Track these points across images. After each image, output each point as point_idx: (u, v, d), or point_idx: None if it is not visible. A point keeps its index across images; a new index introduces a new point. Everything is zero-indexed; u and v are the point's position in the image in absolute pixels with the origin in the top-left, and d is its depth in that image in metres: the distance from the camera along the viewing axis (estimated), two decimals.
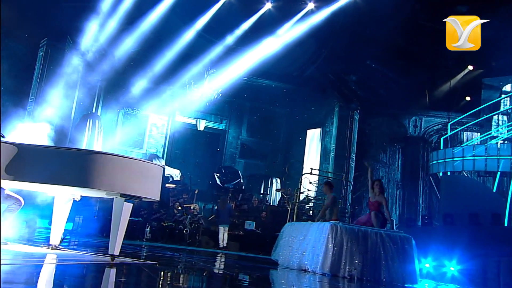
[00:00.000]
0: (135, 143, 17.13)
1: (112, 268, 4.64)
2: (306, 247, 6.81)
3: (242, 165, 18.41)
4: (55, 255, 5.14)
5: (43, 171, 4.58)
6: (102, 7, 13.51)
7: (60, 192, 5.43)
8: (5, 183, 4.91)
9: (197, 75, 16.45)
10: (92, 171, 4.59)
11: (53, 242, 5.52)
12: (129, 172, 4.85)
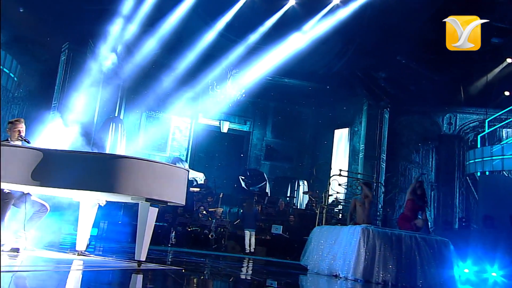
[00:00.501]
0: (158, 146, 17.33)
1: (138, 274, 4.69)
2: (337, 252, 6.73)
3: (267, 167, 18.38)
4: (81, 261, 5.25)
5: (69, 176, 4.67)
6: (122, 10, 13.75)
7: (86, 197, 5.54)
8: (31, 189, 5.05)
9: (219, 76, 16.50)
10: (117, 176, 4.66)
11: (79, 248, 5.64)
12: (154, 176, 4.90)
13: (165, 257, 8.09)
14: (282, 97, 17.86)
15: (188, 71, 15.77)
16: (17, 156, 4.59)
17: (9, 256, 4.86)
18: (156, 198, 4.92)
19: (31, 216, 5.38)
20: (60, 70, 14.73)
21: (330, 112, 17.84)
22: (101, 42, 14.01)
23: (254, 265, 8.86)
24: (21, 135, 5.37)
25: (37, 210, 5.40)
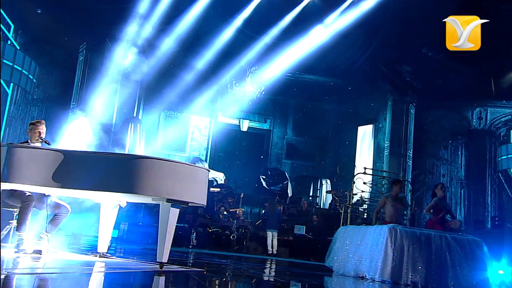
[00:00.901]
0: (178, 146, 17.47)
1: (161, 276, 4.73)
2: (363, 253, 6.66)
3: (288, 166, 18.31)
4: (103, 263, 5.32)
5: (89, 178, 4.74)
6: (139, 8, 13.88)
7: (106, 198, 5.61)
8: (52, 191, 5.13)
9: (238, 74, 16.52)
10: (138, 176, 4.70)
11: (101, 250, 5.72)
12: (175, 177, 4.93)
13: (187, 259, 8.15)
14: (302, 93, 17.75)
15: (207, 69, 15.83)
16: (38, 158, 4.68)
17: (31, 258, 4.96)
18: (177, 198, 4.95)
19: (52, 218, 5.48)
20: (78, 70, 14.98)
21: (353, 109, 17.68)
22: (119, 42, 14.17)
23: (277, 266, 8.85)
24: (41, 137, 5.47)
25: (58, 211, 5.49)
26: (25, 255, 5.03)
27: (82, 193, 5.26)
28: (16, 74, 14.55)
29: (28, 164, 4.59)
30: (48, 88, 16.24)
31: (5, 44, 14.25)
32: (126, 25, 13.92)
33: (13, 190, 5.10)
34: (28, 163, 4.60)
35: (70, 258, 5.61)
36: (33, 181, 4.61)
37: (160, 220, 5.01)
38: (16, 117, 15.63)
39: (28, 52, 15.12)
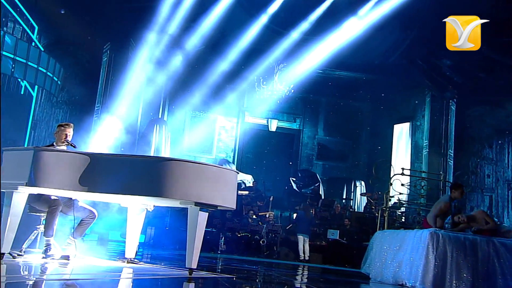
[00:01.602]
0: (204, 148, 17.60)
1: (190, 282, 4.75)
2: (402, 259, 6.52)
3: (320, 167, 18.22)
4: (131, 269, 5.39)
5: (116, 181, 4.79)
6: (163, 6, 14.04)
7: (133, 202, 5.68)
8: (79, 195, 5.24)
9: (266, 71, 16.55)
10: (165, 179, 4.74)
11: (128, 255, 5.78)
12: (203, 179, 4.94)
13: (215, 265, 8.18)
14: (334, 91, 17.62)
15: (233, 68, 15.91)
16: (64, 161, 4.77)
17: (59, 264, 5.07)
18: (206, 202, 4.95)
19: (79, 223, 5.58)
20: (102, 71, 15.28)
21: (388, 106, 17.44)
22: (143, 41, 14.38)
23: (309, 273, 8.78)
24: (67, 140, 5.57)
25: (85, 216, 5.58)
26: (53, 261, 5.15)
27: (109, 197, 5.33)
28: (41, 77, 14.96)
29: (54, 168, 4.68)
30: (72, 90, 16.63)
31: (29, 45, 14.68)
32: (150, 24, 14.10)
33: (40, 195, 5.22)
34: (55, 166, 4.70)
35: (98, 264, 5.71)
36: (60, 185, 4.70)
37: (189, 225, 5.03)
38: (41, 120, 16.09)
39: (52, 54, 15.53)
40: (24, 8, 15.08)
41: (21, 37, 14.96)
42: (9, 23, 14.87)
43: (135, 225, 5.87)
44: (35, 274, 4.50)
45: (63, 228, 5.75)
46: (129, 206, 5.84)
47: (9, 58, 13.87)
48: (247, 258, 11.03)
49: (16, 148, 5.15)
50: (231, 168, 5.99)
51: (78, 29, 14.31)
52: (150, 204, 5.78)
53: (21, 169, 4.68)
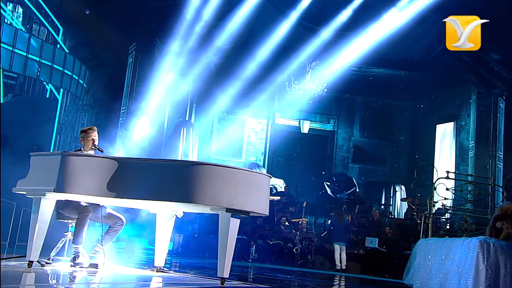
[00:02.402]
0: (233, 151, 17.69)
1: None
2: (449, 269, 6.34)
3: (356, 171, 18.05)
4: (160, 277, 5.44)
5: (145, 186, 4.85)
6: (190, 4, 14.18)
7: (162, 208, 5.74)
8: (107, 201, 5.32)
9: (298, 70, 16.50)
10: (196, 185, 4.76)
11: (158, 263, 5.84)
12: (234, 184, 4.95)
13: (247, 274, 8.18)
14: (371, 89, 17.45)
15: (263, 67, 15.92)
16: (92, 166, 4.85)
17: (88, 272, 5.16)
18: (238, 208, 4.96)
19: (107, 230, 5.67)
20: (128, 73, 15.55)
21: (430, 105, 17.12)
22: (169, 41, 14.56)
23: (347, 283, 8.68)
24: (95, 144, 5.67)
25: (113, 223, 5.67)
26: (82, 269, 5.24)
27: (137, 203, 5.40)
28: (66, 79, 15.35)
29: (82, 173, 4.77)
30: (97, 93, 17.02)
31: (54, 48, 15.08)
32: (176, 23, 14.26)
33: (68, 201, 5.32)
34: (83, 172, 4.78)
35: (127, 272, 5.78)
36: (88, 191, 4.78)
37: (220, 232, 5.04)
38: (66, 124, 16.53)
39: (77, 56, 15.91)
40: (49, 10, 15.53)
41: (46, 39, 15.41)
42: (34, 25, 15.36)
43: (164, 232, 5.92)
44: (63, 283, 4.59)
45: (89, 235, 5.85)
46: (158, 212, 5.89)
47: (34, 61, 14.29)
48: (280, 267, 10.99)
49: (44, 153, 5.28)
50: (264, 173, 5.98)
51: (103, 29, 14.63)
52: (179, 211, 5.82)
53: (48, 175, 4.78)
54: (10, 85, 15.00)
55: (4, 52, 13.52)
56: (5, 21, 13.84)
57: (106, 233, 5.63)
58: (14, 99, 14.88)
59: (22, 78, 15.09)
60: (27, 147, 12.80)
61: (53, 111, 15.26)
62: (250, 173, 5.21)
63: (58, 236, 5.73)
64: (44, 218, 4.87)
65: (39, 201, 4.86)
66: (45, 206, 4.89)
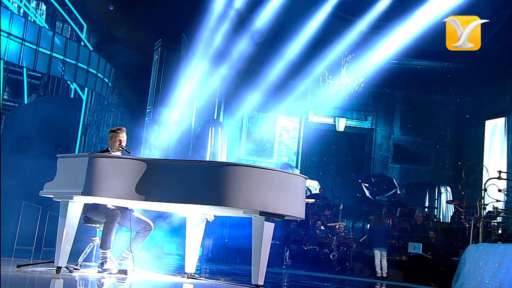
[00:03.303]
0: (264, 151, 17.72)
1: None
2: (504, 278, 6.20)
3: (397, 171, 17.82)
4: (191, 285, 5.48)
5: (175, 189, 4.88)
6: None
7: (193, 212, 5.77)
8: (135, 204, 5.39)
9: (332, 65, 16.39)
10: (228, 187, 4.77)
11: (188, 270, 5.87)
12: (268, 186, 4.94)
13: (281, 281, 8.17)
14: (412, 83, 17.22)
15: (295, 62, 15.90)
16: (120, 168, 4.92)
17: (117, 278, 5.24)
18: (272, 211, 4.96)
19: (136, 235, 5.74)
20: (154, 70, 15.77)
21: (477, 99, 16.73)
22: (196, 36, 14.67)
23: None
24: (122, 145, 5.76)
25: (141, 228, 5.73)
26: (110, 275, 5.33)
27: (167, 206, 5.45)
28: (91, 78, 15.65)
29: (111, 175, 4.84)
30: (123, 92, 17.30)
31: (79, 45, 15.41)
32: (204, 17, 14.35)
33: (96, 204, 5.42)
34: (111, 174, 4.85)
35: (156, 279, 5.85)
36: (116, 194, 4.84)
37: (254, 237, 5.04)
38: (91, 124, 16.87)
39: (102, 53, 16.21)
40: (73, 6, 15.88)
41: (70, 37, 15.76)
42: (58, 23, 15.74)
43: (194, 237, 5.95)
44: None
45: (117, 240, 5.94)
46: (188, 216, 5.93)
47: (58, 60, 14.64)
48: (316, 274, 10.98)
49: (70, 155, 5.40)
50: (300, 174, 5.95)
51: (127, 26, 14.86)
52: (210, 214, 5.85)
53: (76, 177, 4.87)
54: (34, 85, 15.41)
55: (28, 51, 13.90)
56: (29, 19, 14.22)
57: (134, 238, 5.70)
58: (38, 99, 15.27)
59: (46, 78, 15.47)
60: (52, 149, 13.13)
61: (77, 111, 15.59)
62: (285, 174, 5.20)
63: (86, 241, 5.84)
64: (72, 222, 4.96)
65: (66, 204, 4.94)
66: (73, 210, 4.97)
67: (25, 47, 13.76)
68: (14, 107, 14.63)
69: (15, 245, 9.93)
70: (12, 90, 14.83)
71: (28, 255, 8.45)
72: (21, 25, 13.73)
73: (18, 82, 14.90)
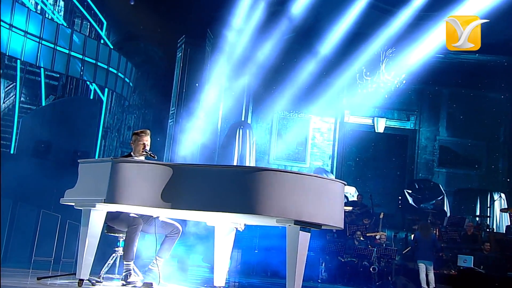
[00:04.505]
0: (296, 155, 17.71)
1: None
2: None
3: (443, 176, 17.59)
4: None
5: (203, 196, 4.90)
6: None
7: (222, 220, 5.80)
8: (161, 212, 5.44)
9: (371, 60, 16.36)
10: (260, 193, 4.78)
11: (218, 283, 5.89)
12: (304, 193, 4.94)
13: None
14: (459, 79, 17.00)
15: (329, 58, 15.90)
16: (145, 174, 4.97)
17: None
18: (308, 220, 4.96)
19: (163, 241, 5.80)
20: (177, 69, 15.92)
21: None
22: (222, 32, 14.76)
23: None
24: (146, 149, 5.82)
25: (169, 232, 5.78)
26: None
27: (194, 214, 5.49)
28: (112, 78, 15.89)
29: (135, 182, 4.89)
30: (145, 92, 17.54)
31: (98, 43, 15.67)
32: (230, 11, 14.43)
33: (119, 212, 5.49)
34: (135, 180, 4.90)
35: None
36: (142, 201, 4.89)
37: (288, 248, 5.04)
38: (111, 127, 17.13)
39: (122, 52, 16.45)
40: (92, 2, 16.18)
41: (89, 35, 16.05)
42: (76, 20, 16.05)
43: (223, 247, 5.97)
44: None
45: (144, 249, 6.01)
46: (217, 225, 5.96)
47: (77, 59, 14.92)
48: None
49: (93, 160, 5.49)
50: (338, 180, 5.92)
51: (149, 22, 15.06)
52: (240, 223, 5.87)
53: (98, 184, 4.94)
54: (52, 86, 15.71)
55: (45, 50, 14.20)
56: (46, 16, 14.53)
57: (162, 244, 5.76)
58: (56, 101, 15.57)
59: (65, 78, 15.77)
60: (71, 154, 13.37)
61: (97, 114, 15.83)
62: (322, 179, 5.18)
63: (108, 251, 5.92)
64: (94, 232, 5.04)
65: (88, 212, 5.02)
66: (95, 219, 5.05)
67: (42, 46, 14.05)
68: (32, 109, 14.94)
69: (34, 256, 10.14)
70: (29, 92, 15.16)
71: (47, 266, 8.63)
72: (38, 22, 14.00)
73: (36, 83, 15.22)
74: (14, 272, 6.75)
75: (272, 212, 4.80)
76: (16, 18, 13.36)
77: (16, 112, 14.22)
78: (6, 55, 13.62)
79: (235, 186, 4.89)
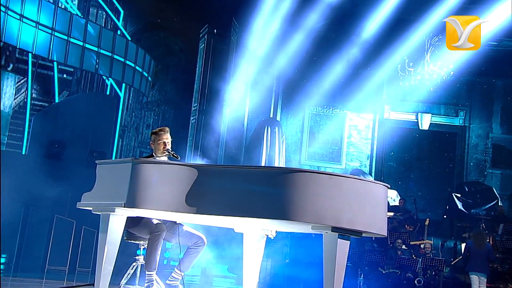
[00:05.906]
0: (330, 155, 17.72)
1: None
2: None
3: (497, 178, 17.46)
4: None
5: (230, 200, 4.89)
6: None
7: (251, 227, 5.80)
8: (185, 217, 5.47)
9: (414, 50, 16.29)
10: (293, 197, 4.75)
11: None
12: (342, 197, 4.89)
13: None
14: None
15: (368, 47, 15.85)
16: (168, 176, 4.98)
17: None
18: (347, 226, 4.90)
19: (186, 252, 5.83)
20: (199, 62, 16.02)
21: None
22: (249, 20, 14.80)
23: None
24: (167, 149, 5.85)
25: (193, 243, 5.80)
26: None
27: (221, 220, 5.49)
28: (129, 72, 16.01)
29: (157, 184, 4.91)
30: (164, 87, 17.67)
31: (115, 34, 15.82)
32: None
33: (140, 218, 5.53)
34: (157, 182, 4.92)
35: None
36: (165, 206, 4.91)
37: (325, 257, 5.00)
38: (129, 126, 17.30)
39: (140, 43, 16.59)
40: None
41: (105, 25, 16.20)
42: (91, 9, 16.21)
43: (253, 256, 5.95)
44: None
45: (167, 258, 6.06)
46: (245, 232, 5.95)
47: (92, 52, 15.06)
48: None
49: (111, 161, 5.54)
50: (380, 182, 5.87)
51: (169, 10, 15.16)
52: (272, 229, 5.86)
53: (117, 187, 4.96)
54: (66, 81, 15.88)
55: (58, 43, 14.35)
56: (59, 6, 14.70)
57: (185, 255, 5.78)
58: (70, 97, 15.75)
59: (79, 73, 15.91)
60: (86, 154, 13.55)
61: (114, 111, 15.95)
62: (363, 182, 5.13)
63: (129, 260, 5.98)
64: (113, 239, 5.07)
65: (107, 218, 5.05)
66: (115, 224, 5.08)
67: (55, 37, 14.18)
68: (44, 106, 15.13)
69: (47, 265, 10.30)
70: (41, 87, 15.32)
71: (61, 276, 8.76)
72: (50, 12, 14.11)
73: (48, 78, 15.36)
74: (27, 283, 6.88)
75: (307, 218, 4.76)
76: (27, 8, 13.48)
77: (28, 109, 14.30)
78: (17, 48, 13.77)
79: (266, 189, 4.85)
